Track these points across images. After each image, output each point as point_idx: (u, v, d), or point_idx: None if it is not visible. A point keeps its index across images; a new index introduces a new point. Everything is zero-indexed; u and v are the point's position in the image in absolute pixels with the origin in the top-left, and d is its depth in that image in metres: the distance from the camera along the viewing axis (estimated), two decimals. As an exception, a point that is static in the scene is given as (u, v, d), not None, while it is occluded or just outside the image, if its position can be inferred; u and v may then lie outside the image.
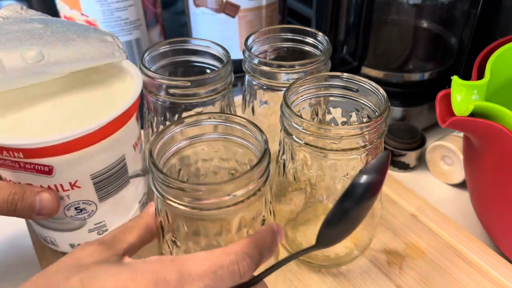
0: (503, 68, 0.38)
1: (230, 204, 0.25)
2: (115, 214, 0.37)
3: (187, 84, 0.35)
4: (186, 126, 0.29)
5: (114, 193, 0.36)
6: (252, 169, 0.25)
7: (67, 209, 0.34)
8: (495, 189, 0.36)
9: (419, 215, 0.42)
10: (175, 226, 0.28)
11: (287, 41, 0.42)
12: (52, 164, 0.31)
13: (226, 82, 0.37)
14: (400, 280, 0.36)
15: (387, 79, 0.53)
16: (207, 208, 0.25)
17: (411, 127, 0.50)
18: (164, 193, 0.26)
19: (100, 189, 0.34)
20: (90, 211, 0.35)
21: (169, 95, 0.35)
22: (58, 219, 0.35)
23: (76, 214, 0.35)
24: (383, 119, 0.30)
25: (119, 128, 0.33)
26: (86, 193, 0.34)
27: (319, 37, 0.40)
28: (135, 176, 0.37)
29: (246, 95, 0.42)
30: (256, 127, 0.28)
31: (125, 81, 0.37)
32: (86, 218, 0.35)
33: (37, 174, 0.31)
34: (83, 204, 0.34)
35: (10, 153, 0.30)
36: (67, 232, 0.36)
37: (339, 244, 0.37)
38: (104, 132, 0.31)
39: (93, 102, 0.34)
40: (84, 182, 0.33)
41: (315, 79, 0.34)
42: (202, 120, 0.30)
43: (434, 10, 0.50)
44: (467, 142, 0.38)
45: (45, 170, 0.31)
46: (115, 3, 0.54)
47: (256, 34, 0.41)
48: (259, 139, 0.28)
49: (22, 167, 0.31)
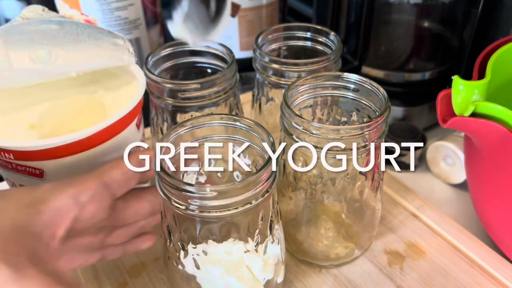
0: (504, 68, 0.38)
1: (239, 207, 0.25)
2: None
3: (197, 87, 0.35)
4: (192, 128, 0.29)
5: None
6: (261, 171, 0.25)
7: None
8: (496, 189, 0.35)
9: (419, 215, 0.41)
10: (182, 230, 0.28)
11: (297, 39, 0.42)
12: (43, 168, 0.31)
13: (233, 81, 0.37)
14: (400, 281, 0.36)
15: (387, 78, 0.53)
16: (215, 210, 0.25)
17: (411, 127, 0.50)
18: (170, 196, 0.25)
19: None
20: None
21: (177, 98, 0.35)
22: None
23: None
24: (384, 119, 0.30)
25: (114, 136, 0.32)
26: None
27: (331, 36, 0.40)
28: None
29: (255, 91, 0.42)
30: (262, 128, 0.28)
31: (132, 85, 0.36)
32: None
33: (28, 176, 0.31)
34: None
35: (1, 154, 0.30)
36: None
37: (340, 244, 0.37)
38: (96, 140, 0.31)
39: (96, 105, 0.34)
40: None
41: (315, 78, 0.34)
42: (208, 122, 0.29)
43: (435, 10, 0.50)
44: (468, 142, 0.38)
45: (36, 173, 0.31)
46: (114, 3, 0.54)
47: (265, 32, 0.41)
48: (265, 139, 0.28)
49: (14, 168, 0.31)
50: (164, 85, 0.35)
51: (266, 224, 0.29)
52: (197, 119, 0.29)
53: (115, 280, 0.36)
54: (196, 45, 0.38)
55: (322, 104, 0.36)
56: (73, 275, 0.37)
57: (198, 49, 0.39)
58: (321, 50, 0.41)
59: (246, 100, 0.54)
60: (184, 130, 0.29)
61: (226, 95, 0.36)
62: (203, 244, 0.28)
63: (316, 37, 0.41)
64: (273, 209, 0.29)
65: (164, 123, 0.38)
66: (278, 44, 0.42)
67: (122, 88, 0.36)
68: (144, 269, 0.37)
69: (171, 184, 0.25)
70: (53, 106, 0.34)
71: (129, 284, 0.36)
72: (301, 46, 0.42)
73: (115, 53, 0.35)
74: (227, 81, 0.36)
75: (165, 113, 0.37)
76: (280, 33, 0.42)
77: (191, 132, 0.29)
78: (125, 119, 0.32)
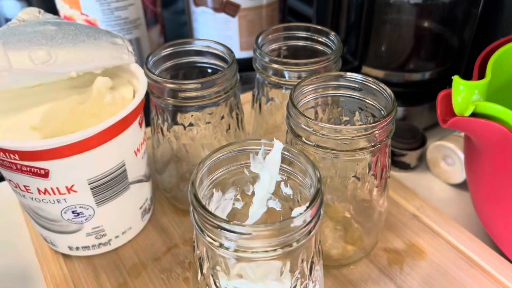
0: (504, 68, 0.38)
1: (277, 248, 0.23)
2: (114, 219, 0.37)
3: (198, 87, 0.35)
4: (229, 153, 0.27)
5: (113, 199, 0.35)
6: (306, 210, 0.23)
7: (64, 212, 0.34)
8: (496, 189, 0.35)
9: (419, 215, 0.41)
10: (213, 265, 0.25)
11: (297, 39, 0.42)
12: (48, 168, 0.31)
13: (233, 81, 0.37)
14: (400, 281, 0.36)
15: (388, 78, 0.53)
16: (252, 251, 0.23)
17: (411, 127, 0.50)
18: (203, 229, 0.23)
19: (97, 194, 0.34)
20: (88, 215, 0.35)
21: (178, 98, 0.35)
22: (56, 221, 0.35)
23: (74, 217, 0.35)
24: (392, 117, 0.30)
25: (117, 135, 0.32)
26: (83, 198, 0.34)
27: (331, 36, 0.40)
28: (136, 182, 0.37)
29: (255, 91, 0.42)
30: (308, 160, 0.26)
31: (133, 84, 0.37)
32: (84, 222, 0.35)
33: (33, 177, 0.31)
34: (80, 208, 0.34)
35: (6, 155, 0.30)
36: (65, 234, 0.36)
37: (344, 247, 0.37)
38: (100, 139, 0.31)
39: (97, 105, 0.34)
40: (81, 187, 0.33)
41: (319, 79, 0.34)
42: (246, 148, 0.28)
43: (435, 10, 0.50)
44: (468, 142, 0.38)
45: (41, 173, 0.31)
46: (114, 2, 0.54)
47: (266, 32, 0.41)
48: (310, 173, 0.25)
49: (19, 169, 0.31)
50: (164, 85, 0.35)
51: (307, 265, 0.26)
52: (235, 144, 0.27)
53: (115, 280, 0.36)
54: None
55: (323, 104, 0.36)
56: (73, 275, 0.37)
57: (198, 49, 0.39)
58: (321, 50, 0.41)
59: (246, 100, 0.54)
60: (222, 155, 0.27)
61: (226, 95, 0.36)
62: (236, 281, 0.25)
63: (316, 37, 0.41)
64: (315, 249, 0.26)
65: (164, 123, 0.38)
66: (278, 44, 0.42)
67: (123, 87, 0.36)
68: (144, 269, 0.37)
69: (206, 218, 0.23)
70: (55, 107, 0.34)
71: (129, 284, 0.36)
72: (301, 46, 0.42)
73: (115, 53, 0.35)
74: (228, 81, 0.36)
75: (165, 113, 0.37)
76: (280, 33, 0.42)
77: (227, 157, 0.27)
78: (128, 117, 0.32)
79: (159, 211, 0.43)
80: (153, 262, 0.38)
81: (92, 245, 0.37)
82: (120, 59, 0.36)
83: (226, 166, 0.28)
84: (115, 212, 0.36)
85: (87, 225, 0.36)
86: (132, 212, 0.38)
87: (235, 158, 0.28)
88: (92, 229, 0.36)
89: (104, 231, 0.37)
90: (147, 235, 0.40)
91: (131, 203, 0.38)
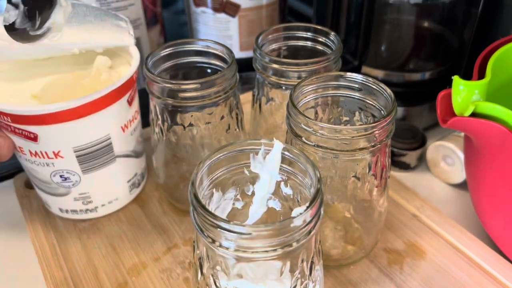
0: (504, 68, 0.38)
1: (277, 248, 0.23)
2: (100, 188, 0.40)
3: (197, 87, 0.35)
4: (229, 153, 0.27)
5: (98, 168, 0.38)
6: (306, 210, 0.23)
7: (53, 175, 0.37)
8: (496, 189, 0.35)
9: (419, 215, 0.41)
10: (213, 265, 0.25)
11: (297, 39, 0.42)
12: (37, 132, 0.34)
13: (233, 81, 0.37)
14: (400, 281, 0.36)
15: (387, 78, 0.53)
16: (252, 251, 0.23)
17: (411, 127, 0.50)
18: (204, 229, 0.23)
19: (82, 162, 0.37)
20: (74, 181, 0.38)
21: (177, 98, 0.35)
22: (47, 182, 0.38)
23: (62, 181, 0.38)
24: (392, 117, 0.30)
25: (104, 108, 0.35)
26: (69, 164, 0.37)
27: (331, 36, 0.40)
28: (123, 156, 0.39)
29: (255, 91, 0.42)
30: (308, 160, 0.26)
31: (130, 65, 0.39)
32: (71, 187, 0.38)
33: (24, 139, 0.35)
34: (67, 173, 0.37)
35: (1, 117, 0.34)
36: (56, 197, 0.39)
37: (344, 247, 0.37)
38: (86, 109, 0.34)
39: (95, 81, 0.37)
40: (67, 153, 0.36)
41: (319, 79, 0.34)
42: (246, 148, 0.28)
43: (435, 10, 0.50)
44: (468, 142, 0.38)
45: (31, 136, 0.34)
46: (115, 3, 0.54)
47: (266, 32, 0.41)
48: (310, 173, 0.25)
49: (12, 131, 0.35)
50: (164, 85, 0.35)
51: (307, 265, 0.26)
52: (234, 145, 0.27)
53: (115, 279, 0.36)
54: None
55: (323, 104, 0.36)
56: (73, 275, 0.37)
57: (198, 49, 0.39)
58: (321, 50, 0.41)
59: (246, 100, 0.54)
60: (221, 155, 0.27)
61: (226, 95, 0.36)
62: (236, 281, 0.25)
63: (316, 37, 0.41)
64: (315, 249, 0.26)
65: (164, 123, 0.38)
66: (278, 44, 0.42)
67: (122, 66, 0.40)
68: (144, 269, 0.37)
69: (206, 218, 0.23)
70: (57, 80, 0.38)
71: (129, 284, 0.36)
72: (301, 46, 0.42)
73: (117, 34, 0.38)
74: (227, 81, 0.36)
75: (165, 113, 0.37)
76: (280, 33, 0.42)
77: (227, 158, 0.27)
78: (114, 93, 0.35)
79: (159, 211, 0.43)
80: (153, 262, 0.38)
81: (80, 209, 0.40)
82: (120, 40, 0.38)
83: (226, 166, 0.28)
84: (101, 182, 0.39)
85: (74, 190, 0.39)
86: (118, 184, 0.41)
87: (235, 158, 0.28)
88: (79, 194, 0.39)
89: (90, 198, 0.40)
90: (148, 235, 0.40)
91: (118, 175, 0.40)
